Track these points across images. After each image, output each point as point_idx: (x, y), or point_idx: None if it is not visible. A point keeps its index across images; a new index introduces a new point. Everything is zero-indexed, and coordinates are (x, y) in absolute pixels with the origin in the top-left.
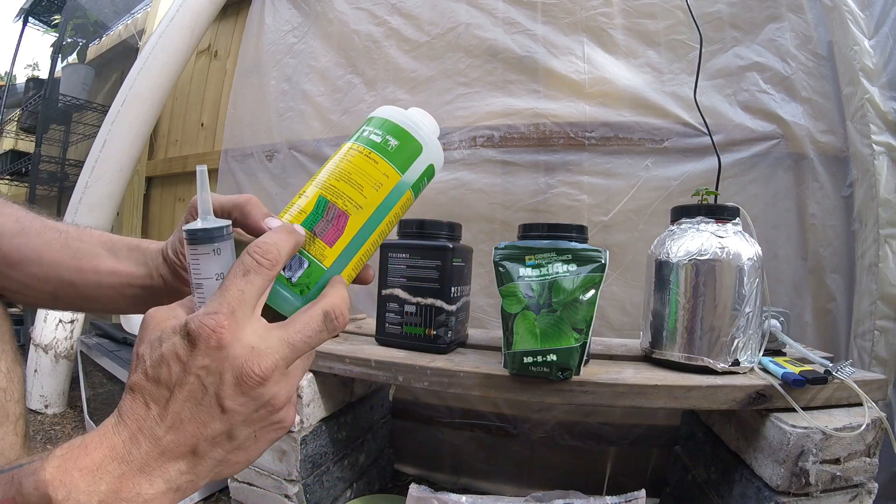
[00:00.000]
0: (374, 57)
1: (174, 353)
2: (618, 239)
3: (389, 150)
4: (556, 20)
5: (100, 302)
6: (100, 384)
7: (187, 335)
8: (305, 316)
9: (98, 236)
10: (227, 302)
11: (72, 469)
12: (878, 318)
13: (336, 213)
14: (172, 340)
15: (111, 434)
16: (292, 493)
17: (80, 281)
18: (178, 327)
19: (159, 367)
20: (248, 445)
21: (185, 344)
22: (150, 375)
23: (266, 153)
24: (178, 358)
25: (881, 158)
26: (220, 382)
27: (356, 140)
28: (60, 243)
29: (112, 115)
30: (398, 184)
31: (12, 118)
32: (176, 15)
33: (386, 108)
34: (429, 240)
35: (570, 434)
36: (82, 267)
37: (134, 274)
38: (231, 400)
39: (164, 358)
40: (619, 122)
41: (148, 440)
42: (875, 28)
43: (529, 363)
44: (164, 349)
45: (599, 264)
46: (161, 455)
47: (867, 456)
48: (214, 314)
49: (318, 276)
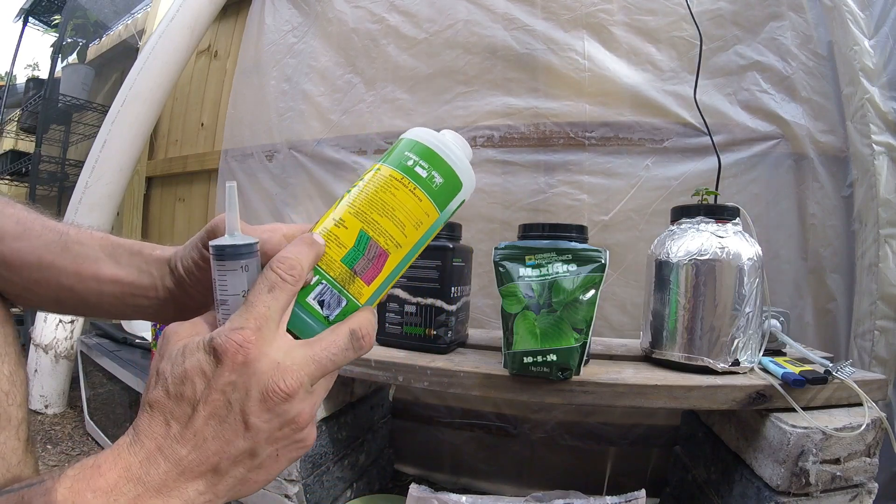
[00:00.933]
0: (373, 55)
1: (199, 368)
2: (618, 239)
3: (434, 188)
4: (555, 16)
5: (102, 309)
6: (100, 384)
7: (213, 351)
8: (332, 334)
9: (99, 239)
10: (254, 317)
11: (84, 490)
12: (878, 318)
13: (377, 251)
14: (197, 356)
15: (126, 454)
16: (292, 493)
17: (81, 288)
18: (203, 343)
19: (182, 384)
20: (269, 464)
21: (210, 360)
22: (171, 393)
23: (266, 153)
24: (204, 374)
25: (881, 158)
26: (246, 398)
27: (398, 168)
28: (60, 246)
29: (112, 115)
30: (435, 221)
31: (12, 118)
32: (176, 15)
33: (425, 133)
34: None
35: (570, 434)
36: (82, 273)
37: (136, 283)
38: (256, 416)
39: (187, 374)
40: (619, 122)
41: (168, 460)
42: (875, 28)
43: (529, 363)
44: (188, 365)
45: (599, 264)
46: (181, 475)
47: (867, 456)
48: (241, 329)
49: (353, 312)
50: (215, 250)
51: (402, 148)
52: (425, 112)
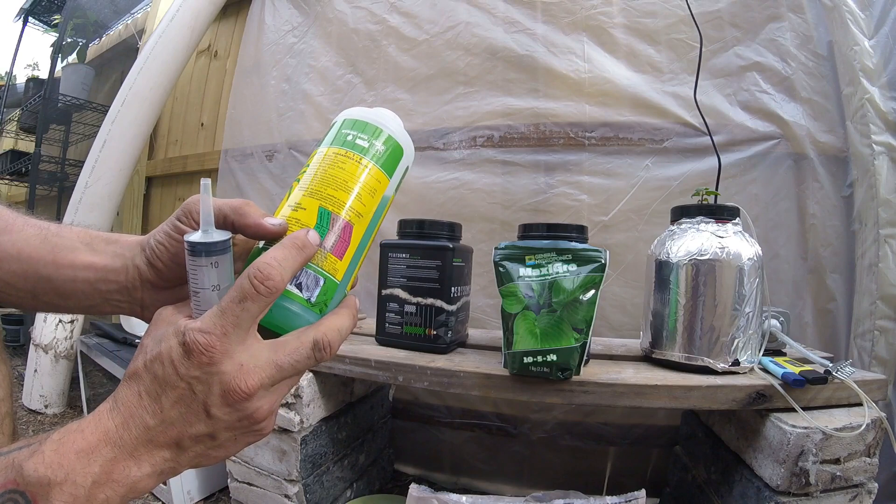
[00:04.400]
0: (374, 56)
1: (170, 356)
2: (618, 239)
3: (379, 156)
4: (556, 19)
5: (75, 298)
6: (100, 384)
7: (184, 345)
8: (297, 341)
9: (78, 232)
10: (222, 324)
11: (68, 452)
12: (878, 318)
13: (342, 224)
14: (170, 343)
15: (105, 419)
16: (292, 493)
17: (57, 276)
18: (177, 333)
19: (155, 363)
20: (227, 445)
21: (181, 352)
22: (147, 368)
23: (266, 153)
24: (173, 362)
25: (881, 158)
26: (209, 393)
27: (341, 145)
28: (40, 239)
29: (112, 115)
30: (388, 188)
31: (12, 118)
32: (176, 15)
33: (358, 110)
34: (429, 240)
35: (570, 434)
36: (59, 261)
37: (109, 267)
38: (217, 409)
39: (160, 356)
40: (619, 122)
41: (138, 427)
42: (875, 28)
43: (529, 363)
44: (163, 348)
45: (599, 264)
46: (149, 442)
47: (867, 456)
48: (208, 334)
49: (334, 290)
50: (188, 245)
51: (339, 127)
52: (425, 112)
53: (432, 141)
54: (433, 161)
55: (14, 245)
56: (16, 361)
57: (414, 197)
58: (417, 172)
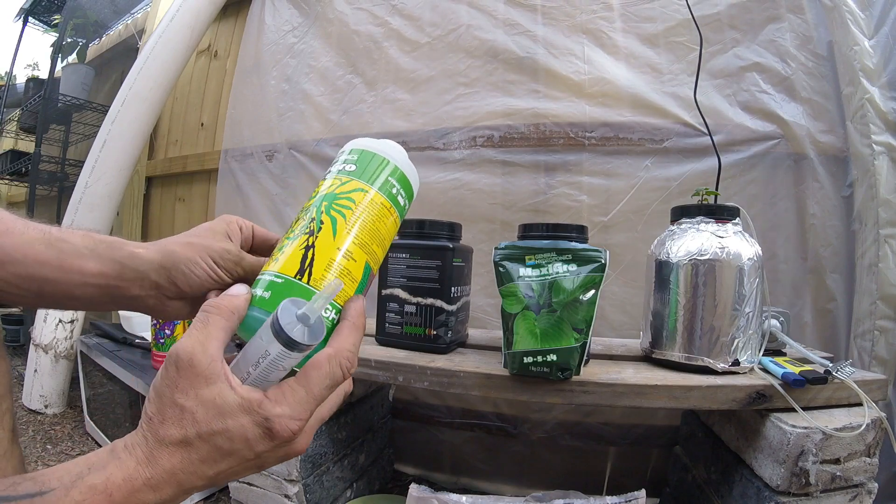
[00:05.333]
0: (375, 57)
1: (244, 436)
2: (618, 239)
3: (404, 213)
4: (556, 22)
5: (84, 299)
6: (100, 384)
7: (269, 431)
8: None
9: (81, 236)
10: (311, 408)
11: None
12: (878, 318)
13: (371, 275)
14: (241, 422)
15: (143, 491)
16: (292, 493)
17: (64, 280)
18: (254, 414)
19: (219, 438)
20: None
21: (260, 433)
22: (206, 439)
23: (266, 153)
24: (248, 440)
25: (881, 158)
26: (271, 455)
27: (388, 198)
28: (44, 243)
29: (112, 115)
30: None
31: (12, 118)
32: (176, 15)
33: (400, 156)
34: (429, 240)
35: (570, 434)
36: (65, 266)
37: (122, 276)
38: (268, 453)
39: (228, 433)
40: (619, 122)
41: (184, 486)
42: (875, 28)
43: (529, 363)
44: (231, 426)
45: (599, 264)
46: (191, 489)
47: (867, 456)
48: (299, 420)
49: None
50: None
51: (389, 173)
52: (426, 112)
53: (432, 141)
54: (433, 161)
55: (17, 248)
56: (16, 361)
57: None
58: (418, 173)
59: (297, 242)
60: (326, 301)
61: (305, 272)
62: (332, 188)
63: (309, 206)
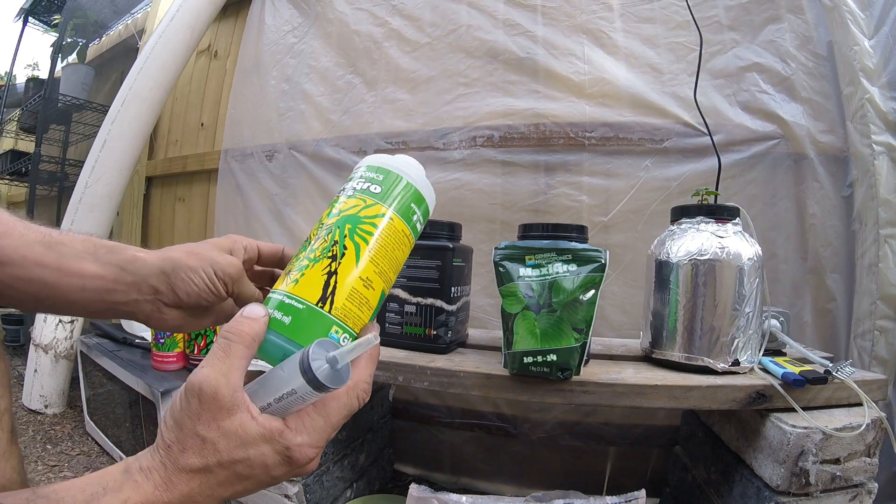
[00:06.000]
0: (375, 57)
1: (264, 463)
2: (618, 239)
3: (418, 233)
4: (556, 22)
5: (82, 304)
6: (100, 384)
7: (289, 458)
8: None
9: (81, 240)
10: (328, 436)
11: None
12: (878, 318)
13: (384, 299)
14: (262, 450)
15: None
16: (292, 493)
17: (63, 283)
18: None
19: (239, 465)
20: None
21: (279, 460)
22: (226, 466)
23: (266, 153)
24: (267, 467)
25: (881, 158)
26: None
27: (409, 225)
28: (44, 246)
29: (112, 115)
30: None
31: (12, 118)
32: (176, 15)
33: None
34: (429, 240)
35: (570, 434)
36: (64, 269)
37: (121, 280)
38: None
39: (249, 462)
40: (619, 122)
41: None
42: (875, 28)
43: (529, 363)
44: (252, 454)
45: (599, 264)
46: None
47: (867, 456)
48: (317, 448)
49: None
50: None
51: (411, 199)
52: (426, 112)
53: (432, 141)
54: (433, 161)
55: (16, 250)
56: (16, 361)
57: None
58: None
59: (320, 266)
60: (358, 353)
61: (328, 301)
62: (355, 209)
63: (329, 223)
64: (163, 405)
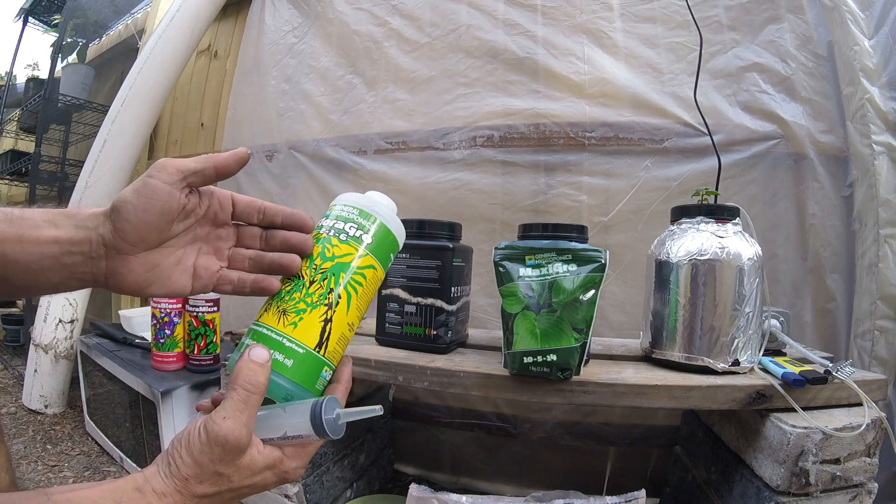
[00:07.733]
0: (375, 57)
1: (265, 485)
2: (618, 239)
3: (389, 268)
4: (556, 22)
5: (44, 275)
6: (100, 384)
7: (284, 479)
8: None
9: (41, 212)
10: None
11: None
12: (878, 318)
13: None
14: (265, 476)
15: None
16: (292, 493)
17: (24, 256)
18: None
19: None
20: None
21: (277, 481)
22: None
23: (266, 153)
24: (266, 486)
25: (881, 158)
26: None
27: (385, 270)
28: (6, 222)
29: (112, 115)
30: None
31: (12, 118)
32: (176, 15)
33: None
34: (429, 240)
35: (570, 434)
36: (24, 239)
37: (73, 239)
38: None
39: (255, 486)
40: (619, 122)
41: None
42: (875, 28)
43: (529, 363)
44: (257, 480)
45: (599, 264)
46: None
47: (867, 456)
48: (306, 467)
49: None
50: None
51: (392, 250)
52: (426, 112)
53: (432, 141)
54: (433, 161)
55: None
56: (16, 361)
57: (414, 197)
58: (418, 173)
59: (317, 313)
60: (360, 417)
61: (323, 345)
62: (348, 258)
63: (325, 268)
64: (163, 405)
